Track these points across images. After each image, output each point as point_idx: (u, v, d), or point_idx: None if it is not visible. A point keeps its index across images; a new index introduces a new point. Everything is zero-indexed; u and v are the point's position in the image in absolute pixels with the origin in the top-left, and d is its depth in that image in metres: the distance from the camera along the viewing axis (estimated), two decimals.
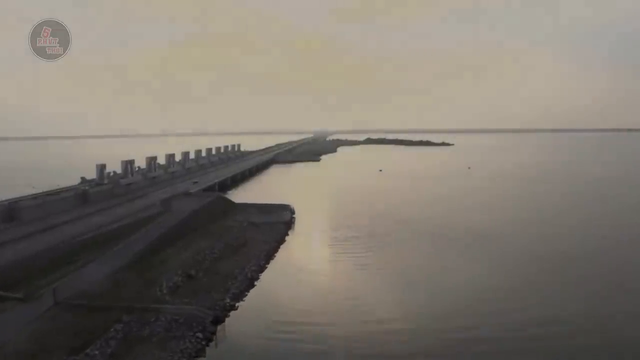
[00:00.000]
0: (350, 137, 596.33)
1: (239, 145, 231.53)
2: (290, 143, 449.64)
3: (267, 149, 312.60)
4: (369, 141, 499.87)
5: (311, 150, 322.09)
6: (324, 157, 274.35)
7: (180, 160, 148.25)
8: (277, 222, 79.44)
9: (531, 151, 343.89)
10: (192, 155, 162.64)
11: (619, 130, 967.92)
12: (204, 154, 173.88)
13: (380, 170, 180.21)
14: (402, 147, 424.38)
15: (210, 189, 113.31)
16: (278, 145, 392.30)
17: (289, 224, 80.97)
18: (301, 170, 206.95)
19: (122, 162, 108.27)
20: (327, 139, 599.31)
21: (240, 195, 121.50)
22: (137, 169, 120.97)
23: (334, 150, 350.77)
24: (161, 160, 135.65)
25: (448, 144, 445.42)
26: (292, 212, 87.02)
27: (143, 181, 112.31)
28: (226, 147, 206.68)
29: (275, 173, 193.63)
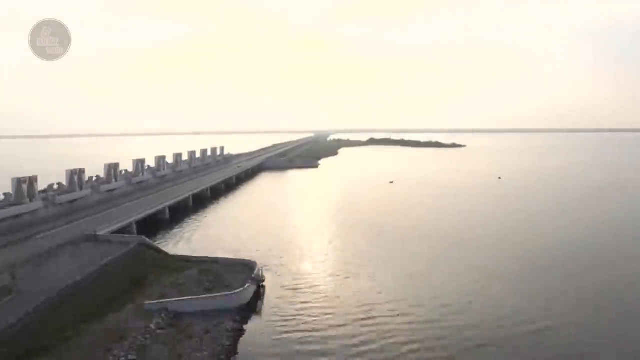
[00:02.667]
0: (352, 137, 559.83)
1: (222, 148, 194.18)
2: (288, 143, 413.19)
3: (258, 151, 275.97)
4: (372, 142, 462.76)
5: (309, 152, 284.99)
6: (323, 162, 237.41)
7: (128, 173, 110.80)
8: (226, 308, 42.61)
9: (552, 153, 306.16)
10: (152, 163, 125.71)
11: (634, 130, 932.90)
12: (169, 160, 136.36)
13: (392, 182, 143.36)
14: (409, 149, 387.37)
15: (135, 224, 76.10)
16: (275, 146, 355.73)
17: (248, 308, 44.16)
18: (295, 179, 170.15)
19: (13, 180, 71.52)
20: (328, 139, 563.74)
21: (196, 230, 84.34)
22: (55, 186, 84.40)
23: (335, 153, 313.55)
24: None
25: (459, 146, 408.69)
26: (259, 278, 49.92)
27: (46, 210, 75.00)
28: (204, 151, 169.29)
29: (262, 184, 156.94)
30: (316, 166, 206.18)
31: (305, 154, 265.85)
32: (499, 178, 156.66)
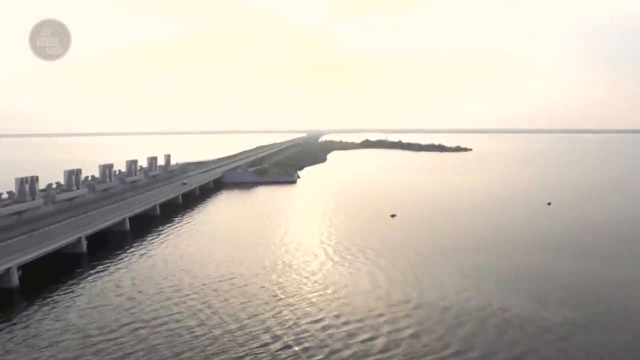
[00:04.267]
0: (346, 138, 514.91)
1: (168, 158, 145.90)
2: (273, 145, 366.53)
3: (233, 156, 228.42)
4: (367, 144, 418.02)
5: (292, 159, 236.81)
6: (306, 172, 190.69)
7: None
8: None
9: (579, 159, 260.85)
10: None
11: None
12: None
13: (393, 216, 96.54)
14: (409, 153, 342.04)
15: None
16: (259, 148, 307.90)
17: None
18: (261, 202, 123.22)
19: None
20: (321, 139, 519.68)
21: None
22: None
23: (324, 159, 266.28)
24: None
25: (465, 149, 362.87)
26: None
27: None
28: (106, 168, 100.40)
29: (209, 213, 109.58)
30: (294, 180, 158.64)
31: (285, 162, 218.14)
32: (549, 204, 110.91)
